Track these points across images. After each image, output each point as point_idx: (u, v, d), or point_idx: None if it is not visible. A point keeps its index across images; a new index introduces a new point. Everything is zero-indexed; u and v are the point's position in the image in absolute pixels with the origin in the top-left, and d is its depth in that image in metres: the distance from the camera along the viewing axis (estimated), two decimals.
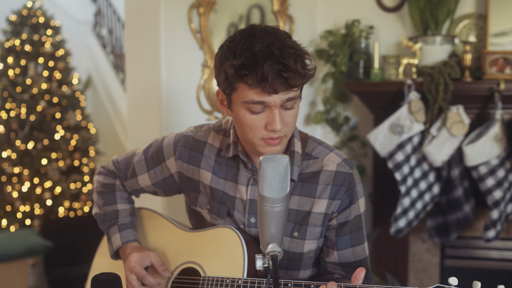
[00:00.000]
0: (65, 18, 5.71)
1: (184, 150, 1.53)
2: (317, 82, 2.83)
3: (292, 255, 1.48)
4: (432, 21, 2.56)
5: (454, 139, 2.46)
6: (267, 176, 1.11)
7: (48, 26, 4.78)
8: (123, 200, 1.64)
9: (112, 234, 1.58)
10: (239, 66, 1.25)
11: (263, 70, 1.23)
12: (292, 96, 1.29)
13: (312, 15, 2.82)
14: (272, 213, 1.13)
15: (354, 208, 1.46)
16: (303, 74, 1.27)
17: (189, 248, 1.52)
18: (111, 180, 1.66)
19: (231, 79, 1.28)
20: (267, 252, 1.14)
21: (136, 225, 1.62)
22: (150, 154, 1.59)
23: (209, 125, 1.57)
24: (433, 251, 2.78)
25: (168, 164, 1.56)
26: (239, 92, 1.29)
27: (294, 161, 1.44)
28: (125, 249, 1.55)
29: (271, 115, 1.29)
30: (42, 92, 4.63)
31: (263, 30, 1.29)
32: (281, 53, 1.24)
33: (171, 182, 1.58)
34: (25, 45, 4.64)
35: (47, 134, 4.64)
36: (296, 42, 1.31)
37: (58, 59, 4.78)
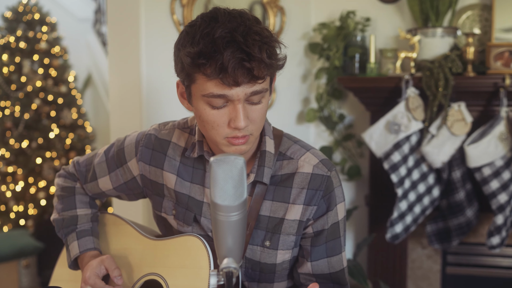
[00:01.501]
0: (65, 15, 5.61)
1: (146, 151, 1.39)
2: (310, 78, 2.68)
3: (264, 266, 1.34)
4: (432, 12, 2.39)
5: (455, 139, 2.29)
6: (219, 181, 0.96)
7: (44, 22, 4.68)
8: (84, 204, 1.51)
9: (70, 242, 1.44)
10: (196, 54, 1.10)
11: (223, 58, 1.08)
12: (258, 89, 1.14)
13: (306, 6, 2.66)
14: (228, 223, 0.99)
15: (332, 214, 1.31)
16: (269, 64, 1.12)
17: (152, 258, 1.38)
18: (71, 183, 1.52)
19: (188, 69, 1.14)
20: (221, 269, 0.99)
21: (97, 232, 1.49)
22: (111, 155, 1.45)
23: (174, 122, 1.43)
24: (434, 257, 2.61)
25: (130, 166, 1.42)
26: (198, 84, 1.15)
27: (265, 162, 1.29)
28: (83, 258, 1.41)
29: (234, 111, 1.14)
30: (37, 90, 4.52)
31: (227, 14, 1.14)
32: (244, 40, 1.09)
33: (133, 186, 1.44)
34: (20, 42, 4.53)
35: (42, 132, 4.54)
36: (265, 28, 1.17)
37: (54, 57, 4.68)
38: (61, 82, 4.71)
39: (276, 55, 1.14)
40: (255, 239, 1.31)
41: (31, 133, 4.50)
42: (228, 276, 0.97)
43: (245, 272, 1.36)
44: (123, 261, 1.42)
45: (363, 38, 2.52)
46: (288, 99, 2.68)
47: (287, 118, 2.69)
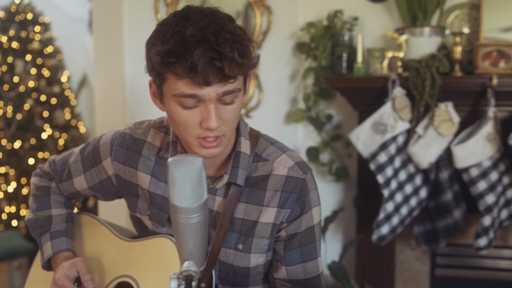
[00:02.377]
0: (59, 16, 5.60)
1: (120, 150, 1.37)
2: (298, 78, 2.66)
3: (237, 270, 1.31)
4: (420, 11, 2.37)
5: (442, 139, 2.27)
6: (177, 183, 0.93)
7: (37, 22, 4.66)
8: (59, 204, 1.49)
9: (44, 243, 1.43)
10: (166, 52, 1.08)
11: (193, 57, 1.06)
12: (230, 89, 1.12)
13: (293, 6, 2.64)
14: (188, 225, 0.96)
15: (306, 218, 1.29)
16: (241, 64, 1.09)
17: (125, 260, 1.36)
18: (46, 182, 1.51)
19: (158, 68, 1.11)
20: (180, 272, 0.97)
21: (72, 232, 1.47)
22: (87, 154, 1.44)
23: (150, 121, 1.41)
24: (422, 259, 2.58)
25: (105, 165, 1.40)
26: (168, 83, 1.13)
27: (239, 163, 1.27)
28: (56, 259, 1.39)
29: (206, 111, 1.12)
30: (29, 90, 4.50)
31: (199, 12, 1.12)
32: (216, 39, 1.07)
33: (108, 186, 1.43)
34: (13, 42, 4.52)
35: (34, 133, 4.52)
36: (238, 26, 1.14)
37: (46, 57, 4.66)
38: (54, 82, 4.69)
39: (248, 54, 1.12)
40: (228, 242, 1.29)
41: (23, 133, 4.48)
42: (187, 279, 0.95)
43: (219, 275, 1.34)
44: (96, 263, 1.40)
45: (351, 37, 2.50)
46: (276, 99, 2.66)
47: (275, 118, 2.67)
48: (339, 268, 2.20)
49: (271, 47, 2.61)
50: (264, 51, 2.60)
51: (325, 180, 2.71)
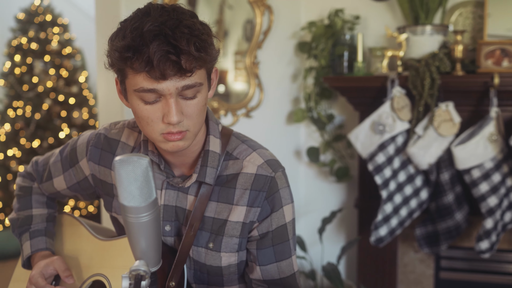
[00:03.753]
0: (79, 15, 5.68)
1: (95, 150, 1.38)
2: (300, 78, 2.64)
3: (210, 269, 1.31)
4: (422, 9, 2.32)
5: (442, 140, 2.22)
6: (123, 182, 0.94)
7: (56, 23, 4.76)
8: (40, 204, 1.51)
9: (24, 242, 1.45)
10: (124, 47, 1.08)
11: (149, 51, 1.05)
12: (189, 84, 1.11)
13: (295, 5, 2.62)
14: (138, 224, 0.96)
15: (276, 216, 1.27)
16: (198, 57, 1.08)
17: (100, 259, 1.37)
18: (29, 183, 1.53)
19: (117, 64, 1.11)
20: (130, 271, 0.97)
21: (52, 232, 1.49)
22: (65, 155, 1.45)
23: (125, 121, 1.42)
24: (426, 262, 2.53)
25: (82, 165, 1.41)
26: (129, 79, 1.13)
27: (208, 162, 1.26)
28: (34, 258, 1.42)
29: (167, 106, 1.11)
30: (48, 90, 4.60)
31: (160, 9, 1.12)
32: (173, 33, 1.06)
33: (86, 186, 1.44)
34: (32, 43, 4.62)
35: (52, 132, 4.62)
36: (199, 22, 1.13)
37: (65, 57, 4.75)
38: (73, 82, 4.78)
39: (205, 48, 1.10)
40: (199, 241, 1.29)
41: (42, 132, 4.59)
42: (136, 278, 0.95)
43: (193, 274, 1.33)
44: (74, 262, 1.42)
45: (352, 36, 2.47)
46: (277, 99, 2.65)
47: (276, 118, 2.66)
48: (332, 269, 2.17)
49: (272, 46, 2.59)
50: (264, 50, 2.59)
51: (327, 181, 2.68)
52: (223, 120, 2.58)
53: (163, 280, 1.26)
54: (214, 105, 2.55)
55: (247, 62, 2.56)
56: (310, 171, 2.72)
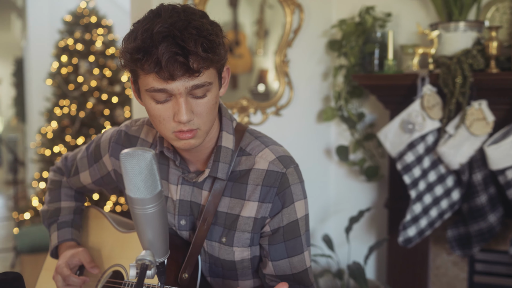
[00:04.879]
0: (123, 17, 5.84)
1: (116, 147, 1.44)
2: (331, 76, 2.63)
3: (224, 263, 1.34)
4: (455, 6, 2.26)
5: (474, 139, 2.16)
6: (129, 175, 0.97)
7: (100, 25, 4.92)
8: (68, 197, 1.58)
9: (52, 232, 1.52)
10: (134, 49, 1.11)
11: (158, 53, 1.09)
12: (198, 83, 1.13)
13: (327, 3, 2.62)
14: (145, 216, 1.00)
15: (287, 212, 1.28)
16: (205, 58, 1.11)
17: (119, 250, 1.42)
18: (59, 177, 1.61)
19: (128, 65, 1.15)
20: (136, 260, 1.01)
21: (78, 223, 1.55)
22: (91, 150, 1.52)
23: (145, 119, 1.46)
24: (460, 264, 2.47)
25: (105, 161, 1.47)
26: (141, 79, 1.17)
27: (220, 157, 1.29)
28: (61, 248, 1.49)
29: (177, 105, 1.14)
30: (92, 89, 4.77)
31: (170, 10, 1.15)
32: (181, 34, 1.09)
33: (109, 180, 1.50)
34: (77, 44, 4.80)
35: (96, 130, 4.78)
36: (209, 22, 1.15)
37: (108, 58, 4.91)
38: (116, 82, 4.94)
39: (213, 49, 1.12)
40: (213, 235, 1.32)
41: (86, 130, 4.76)
42: (142, 267, 0.99)
43: (209, 268, 1.36)
44: (96, 252, 1.48)
45: (383, 34, 2.44)
46: (308, 98, 2.64)
47: (306, 116, 2.66)
48: (357, 268, 2.16)
49: (302, 45, 2.60)
50: (294, 49, 2.59)
51: (357, 180, 2.66)
52: (253, 118, 2.60)
53: (176, 272, 1.29)
54: (243, 103, 2.58)
55: (277, 60, 2.57)
56: (340, 170, 2.71)
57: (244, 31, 2.63)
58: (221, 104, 1.34)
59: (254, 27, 2.62)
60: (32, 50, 5.81)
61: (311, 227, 2.65)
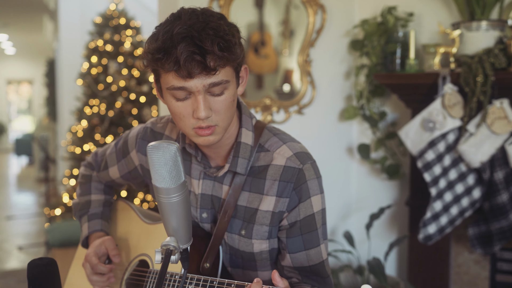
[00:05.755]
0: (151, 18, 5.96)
1: (142, 143, 1.51)
2: (353, 76, 2.66)
3: (244, 254, 1.40)
4: (477, 5, 2.27)
5: (496, 137, 2.17)
6: (155, 165, 1.04)
7: (129, 26, 5.04)
8: (98, 191, 1.66)
9: (83, 223, 1.61)
10: (155, 49, 1.18)
11: (177, 52, 1.15)
12: (216, 81, 1.20)
13: (349, 3, 2.65)
14: (169, 204, 1.07)
15: (304, 206, 1.33)
16: (221, 56, 1.17)
17: (145, 240, 1.50)
18: (89, 171, 1.69)
19: (150, 65, 1.23)
20: (161, 246, 1.08)
21: (107, 215, 1.64)
22: (119, 146, 1.60)
23: (169, 116, 1.53)
24: (482, 263, 2.48)
25: (132, 156, 1.55)
26: (162, 78, 1.24)
27: (239, 153, 1.35)
28: (91, 238, 1.57)
29: (196, 102, 1.21)
30: (120, 89, 4.89)
31: (190, 13, 1.21)
32: (199, 35, 1.16)
33: (136, 175, 1.57)
34: (107, 45, 4.93)
35: (124, 129, 4.90)
36: (226, 23, 1.21)
37: (137, 58, 5.02)
38: (143, 82, 5.05)
39: (229, 48, 1.18)
40: (233, 228, 1.38)
41: (115, 129, 4.88)
42: (167, 252, 1.05)
43: (229, 259, 1.43)
44: (123, 243, 1.56)
45: (405, 33, 2.46)
46: (330, 97, 2.69)
47: (328, 115, 2.70)
48: (377, 264, 2.19)
49: (325, 45, 2.64)
50: (317, 49, 2.64)
51: (379, 178, 2.69)
52: (276, 117, 2.66)
53: (198, 261, 1.36)
54: (266, 102, 2.63)
55: (300, 60, 2.62)
56: (362, 168, 2.74)
57: (270, 31, 2.68)
58: (241, 102, 1.40)
59: (280, 28, 2.67)
60: (64, 51, 5.99)
61: (332, 223, 2.70)
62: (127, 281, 1.49)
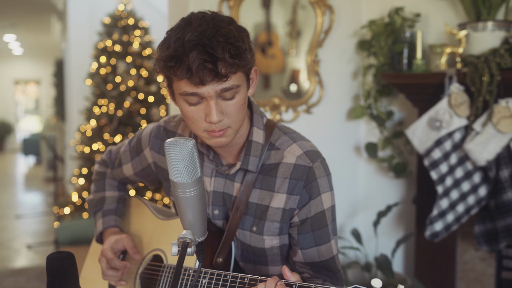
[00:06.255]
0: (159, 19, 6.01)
1: (155, 141, 1.55)
2: (360, 75, 2.70)
3: (255, 250, 1.43)
4: (483, 6, 2.30)
5: (502, 136, 2.20)
6: (172, 161, 1.08)
7: (137, 27, 5.09)
8: (112, 188, 1.71)
9: (97, 219, 1.65)
10: (167, 57, 1.21)
11: (189, 60, 1.18)
12: (227, 86, 1.23)
13: (357, 4, 2.69)
14: (186, 198, 1.11)
15: (315, 203, 1.37)
16: (232, 64, 1.20)
17: (159, 235, 1.54)
18: (104, 169, 1.74)
19: (163, 71, 1.26)
20: (178, 238, 1.12)
21: (121, 211, 1.68)
22: (133, 144, 1.64)
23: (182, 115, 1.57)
24: (488, 260, 2.51)
25: (145, 154, 1.59)
26: (175, 83, 1.27)
27: (251, 151, 1.38)
28: (105, 234, 1.61)
29: (208, 107, 1.24)
30: (129, 89, 4.94)
31: (200, 18, 1.24)
32: (210, 42, 1.19)
33: (149, 172, 1.61)
34: (116, 45, 4.98)
35: (133, 128, 4.95)
36: (236, 28, 1.24)
37: (145, 58, 5.08)
38: (152, 82, 5.10)
39: (239, 55, 1.21)
40: (244, 224, 1.42)
41: (123, 128, 4.94)
42: (183, 245, 1.10)
43: (241, 254, 1.47)
44: (138, 238, 1.60)
45: (412, 34, 2.50)
46: (338, 96, 2.72)
47: (336, 114, 2.73)
48: (384, 260, 2.23)
49: (333, 45, 2.67)
50: (325, 49, 2.67)
51: (386, 177, 2.72)
52: (284, 116, 2.70)
53: (211, 256, 1.40)
54: (275, 101, 2.67)
55: (308, 60, 2.66)
56: (369, 167, 2.77)
57: (277, 31, 2.72)
58: (252, 101, 1.44)
59: (287, 28, 2.71)
60: (72, 52, 6.05)
61: (340, 221, 2.73)
62: (142, 276, 1.53)
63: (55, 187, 6.61)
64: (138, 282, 1.53)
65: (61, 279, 1.29)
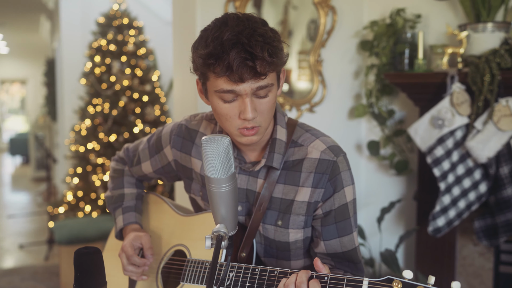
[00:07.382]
0: (153, 18, 6.02)
1: (177, 139, 1.59)
2: (362, 75, 2.76)
3: (279, 244, 1.48)
4: (483, 7, 2.38)
5: (502, 134, 2.27)
6: (208, 157, 1.13)
7: (132, 26, 5.10)
8: (131, 185, 1.74)
9: (117, 216, 1.68)
10: (207, 55, 1.26)
11: (229, 58, 1.23)
12: (263, 85, 1.28)
13: (358, 5, 2.75)
14: (219, 193, 1.15)
15: (338, 196, 1.42)
16: (271, 62, 1.25)
17: (180, 232, 1.57)
18: (121, 166, 1.76)
19: (201, 69, 1.30)
20: (213, 232, 1.16)
21: (140, 208, 1.71)
22: (152, 142, 1.67)
23: (203, 114, 1.61)
24: (486, 255, 2.58)
25: (166, 152, 1.62)
26: (211, 81, 1.31)
27: (275, 149, 1.43)
28: (126, 230, 1.64)
29: (243, 104, 1.29)
30: (124, 88, 4.95)
31: (236, 19, 1.29)
32: (248, 41, 1.23)
33: (169, 169, 1.65)
34: (110, 45, 4.98)
35: (128, 127, 4.96)
36: (270, 29, 1.30)
37: (140, 58, 5.08)
38: (146, 81, 5.11)
39: (277, 54, 1.27)
40: (269, 219, 1.46)
41: (118, 128, 4.94)
42: (218, 238, 1.14)
43: (264, 249, 1.51)
44: (158, 234, 1.63)
45: (413, 34, 2.56)
46: (340, 95, 2.78)
47: (339, 113, 2.79)
48: (390, 255, 2.29)
49: (335, 45, 2.73)
50: (328, 49, 2.73)
51: (387, 174, 2.78)
52: (288, 115, 2.74)
53: (235, 251, 1.44)
54: (279, 100, 2.72)
55: (311, 60, 2.71)
56: (370, 165, 2.83)
57: None
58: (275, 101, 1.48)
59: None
60: (65, 51, 6.02)
61: None
62: (163, 270, 1.57)
63: (47, 187, 6.57)
64: (160, 277, 1.57)
65: (90, 273, 1.33)
